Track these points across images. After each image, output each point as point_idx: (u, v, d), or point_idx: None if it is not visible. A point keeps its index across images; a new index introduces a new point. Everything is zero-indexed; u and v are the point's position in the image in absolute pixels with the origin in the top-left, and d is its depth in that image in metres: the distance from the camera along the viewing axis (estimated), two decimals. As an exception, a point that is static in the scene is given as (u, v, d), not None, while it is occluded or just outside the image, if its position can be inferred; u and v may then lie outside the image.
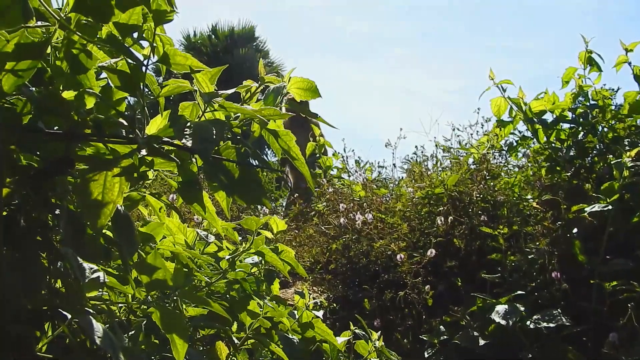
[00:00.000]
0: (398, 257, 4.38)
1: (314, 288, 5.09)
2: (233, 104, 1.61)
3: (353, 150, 7.45)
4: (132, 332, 1.80)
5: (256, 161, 1.61)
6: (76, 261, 1.45)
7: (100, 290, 1.57)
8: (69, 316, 1.43)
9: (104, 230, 1.65)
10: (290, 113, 1.66)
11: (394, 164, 7.48)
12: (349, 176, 7.20)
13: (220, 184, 1.54)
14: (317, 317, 2.67)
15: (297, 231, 6.02)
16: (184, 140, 1.49)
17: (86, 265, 1.47)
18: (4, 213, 1.46)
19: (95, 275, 1.47)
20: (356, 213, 5.19)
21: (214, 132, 1.46)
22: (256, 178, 1.57)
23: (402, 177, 6.67)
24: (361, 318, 3.18)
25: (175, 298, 1.81)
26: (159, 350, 1.85)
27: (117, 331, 1.52)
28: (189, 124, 1.53)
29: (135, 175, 1.53)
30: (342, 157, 7.31)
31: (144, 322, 1.84)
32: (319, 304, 4.15)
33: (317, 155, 7.24)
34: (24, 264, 1.47)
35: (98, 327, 1.42)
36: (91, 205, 1.47)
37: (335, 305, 4.70)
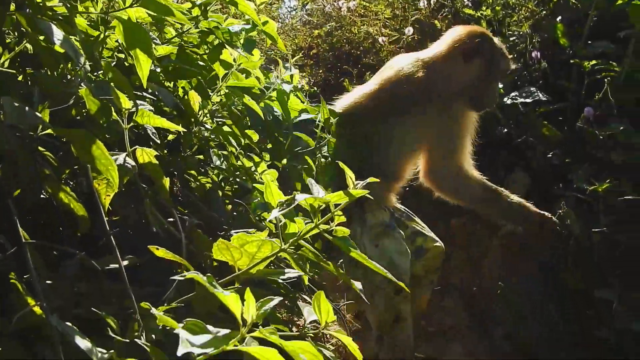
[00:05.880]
0: (380, 39, 4.34)
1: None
2: None
3: None
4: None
5: None
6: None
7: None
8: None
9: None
10: None
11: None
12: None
13: None
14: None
15: (279, 23, 5.92)
16: None
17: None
18: None
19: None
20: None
21: None
22: None
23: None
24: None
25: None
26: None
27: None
28: None
29: None
30: None
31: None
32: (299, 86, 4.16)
33: None
34: None
35: (59, 33, 1.39)
36: None
37: (316, 89, 4.70)
